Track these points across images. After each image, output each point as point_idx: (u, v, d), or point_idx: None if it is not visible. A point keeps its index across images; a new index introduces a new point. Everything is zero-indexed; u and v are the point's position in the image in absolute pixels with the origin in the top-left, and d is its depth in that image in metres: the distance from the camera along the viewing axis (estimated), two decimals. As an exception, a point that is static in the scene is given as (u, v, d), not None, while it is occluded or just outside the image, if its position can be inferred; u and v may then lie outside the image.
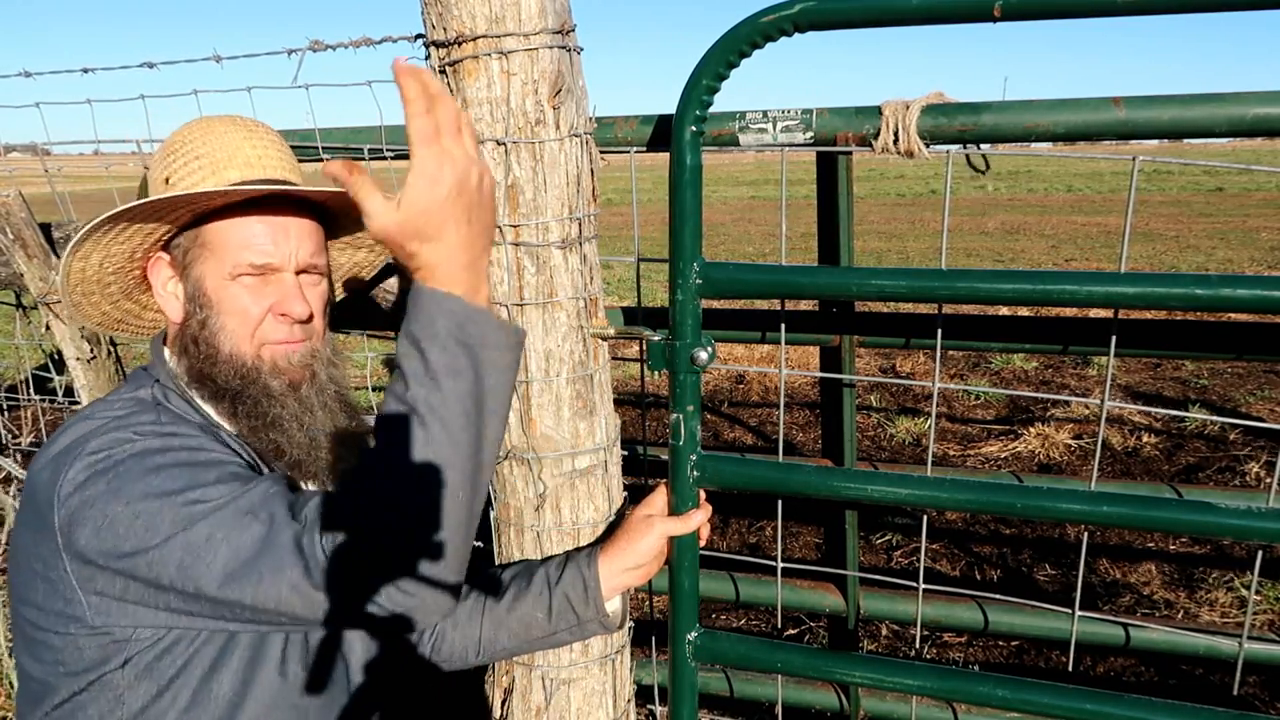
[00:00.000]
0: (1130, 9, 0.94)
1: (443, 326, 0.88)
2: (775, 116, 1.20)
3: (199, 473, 0.98)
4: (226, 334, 1.11)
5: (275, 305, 1.12)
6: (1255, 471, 4.14)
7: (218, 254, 1.11)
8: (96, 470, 0.97)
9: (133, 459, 0.98)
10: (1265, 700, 2.55)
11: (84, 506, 0.96)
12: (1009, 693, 1.17)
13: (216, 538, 0.93)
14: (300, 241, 1.14)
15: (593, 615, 1.23)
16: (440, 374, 0.88)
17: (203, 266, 1.12)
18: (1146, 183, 23.06)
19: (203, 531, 0.93)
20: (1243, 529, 1.06)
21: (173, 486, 0.96)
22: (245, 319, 1.11)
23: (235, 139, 1.14)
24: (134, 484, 0.96)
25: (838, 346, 1.95)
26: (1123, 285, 1.03)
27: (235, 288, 1.11)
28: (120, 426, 1.03)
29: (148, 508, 0.94)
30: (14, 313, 2.06)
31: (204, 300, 1.12)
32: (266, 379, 1.13)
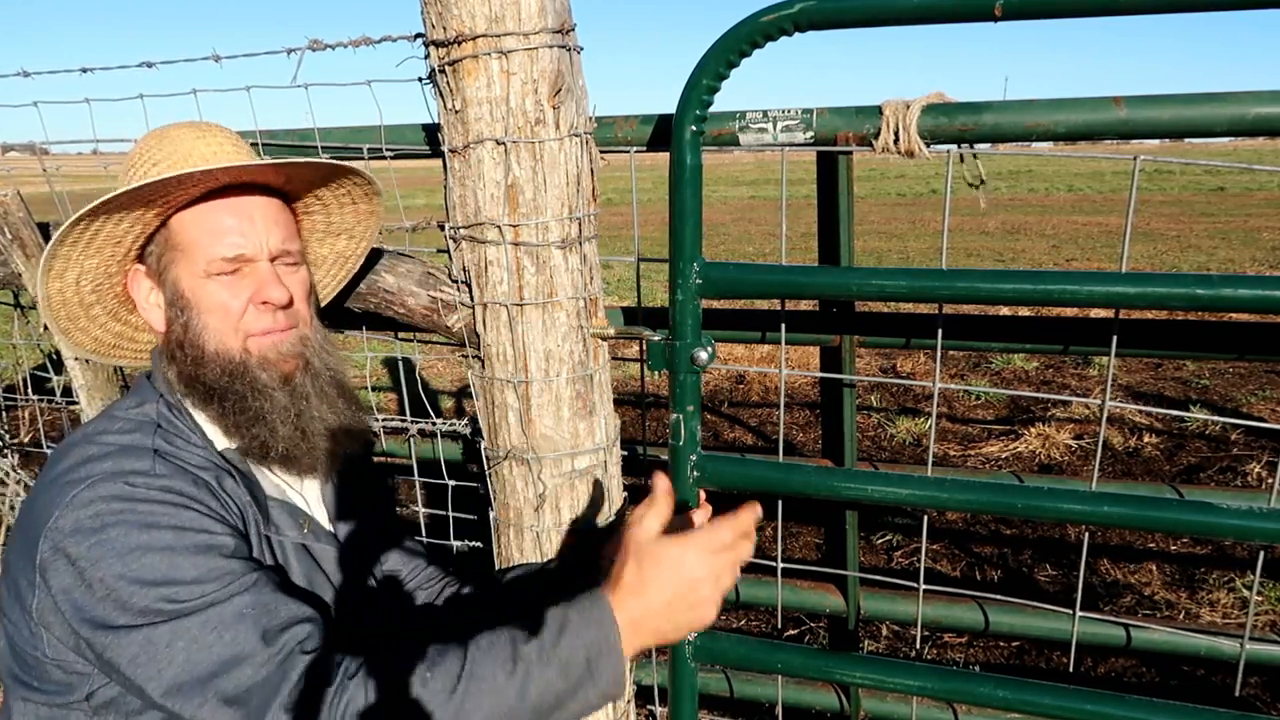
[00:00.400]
0: (1130, 9, 0.93)
1: (591, 638, 0.95)
2: (775, 116, 1.20)
3: (179, 564, 0.96)
4: (210, 332, 1.10)
5: (254, 295, 1.11)
6: (1256, 472, 4.14)
7: (189, 253, 1.10)
8: (82, 528, 0.96)
9: (119, 527, 0.96)
10: (1266, 701, 2.55)
11: (64, 560, 0.96)
12: (1009, 693, 1.17)
13: (177, 645, 0.93)
14: (269, 229, 1.13)
15: None
16: (556, 662, 0.94)
17: (177, 269, 1.11)
18: (1147, 182, 23.05)
19: (165, 634, 0.93)
20: (1244, 529, 1.06)
21: (150, 576, 0.94)
22: (226, 314, 1.10)
23: (188, 140, 1.13)
24: (113, 560, 0.94)
25: (838, 346, 1.95)
26: (1123, 285, 1.03)
27: (211, 285, 1.10)
28: (114, 474, 1.00)
29: (120, 589, 0.94)
30: (12, 312, 2.06)
31: (182, 302, 1.11)
32: (255, 372, 1.11)
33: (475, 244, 1.26)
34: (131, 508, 0.97)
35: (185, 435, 1.10)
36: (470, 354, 1.37)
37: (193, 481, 1.04)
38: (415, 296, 1.41)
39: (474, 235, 1.25)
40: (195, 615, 0.94)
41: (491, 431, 1.36)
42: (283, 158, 1.15)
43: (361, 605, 1.23)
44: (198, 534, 0.99)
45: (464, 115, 1.19)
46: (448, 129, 1.23)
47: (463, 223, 1.26)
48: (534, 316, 1.26)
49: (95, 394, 1.75)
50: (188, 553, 0.97)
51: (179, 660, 0.92)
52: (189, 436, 1.10)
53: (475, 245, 1.26)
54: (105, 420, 1.10)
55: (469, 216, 1.25)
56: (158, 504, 0.99)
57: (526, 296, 1.25)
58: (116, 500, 0.97)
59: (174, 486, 1.01)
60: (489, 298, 1.28)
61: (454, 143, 1.22)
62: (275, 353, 1.13)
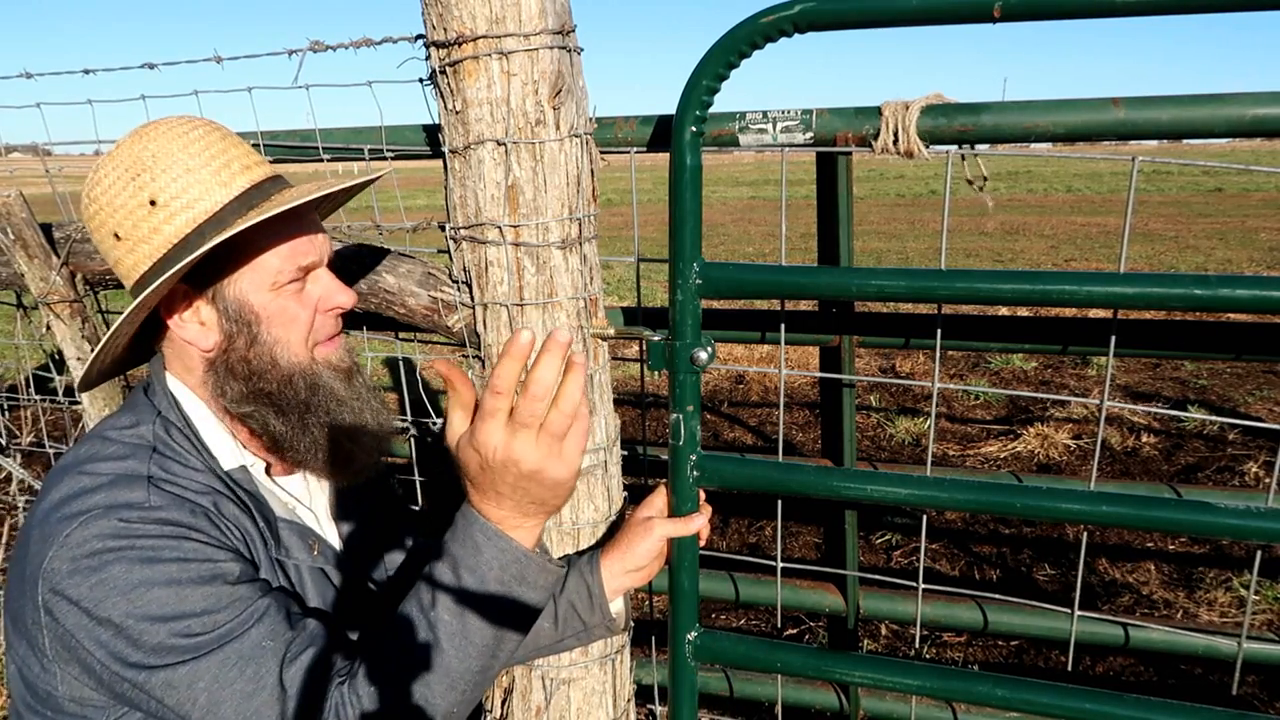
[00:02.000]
0: (1130, 9, 0.94)
1: (486, 561, 0.97)
2: (775, 117, 1.20)
3: (187, 595, 0.93)
4: (281, 346, 1.06)
5: (320, 302, 1.09)
6: (1254, 471, 4.15)
7: (256, 266, 1.04)
8: (80, 568, 0.92)
9: (120, 564, 0.93)
10: (1264, 700, 2.56)
11: (66, 601, 0.92)
12: (1008, 692, 1.18)
13: (199, 685, 0.91)
14: (321, 232, 1.11)
15: (598, 620, 1.23)
16: (469, 608, 0.95)
17: (239, 283, 1.05)
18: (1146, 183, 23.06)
19: (185, 674, 0.91)
20: (1241, 529, 1.06)
21: (158, 611, 0.92)
22: (298, 326, 1.07)
23: (214, 144, 1.05)
24: (117, 599, 0.91)
25: (837, 346, 1.95)
26: (1122, 285, 1.04)
27: (281, 297, 1.06)
28: (109, 508, 0.95)
29: (130, 627, 0.91)
30: (14, 313, 2.06)
31: (250, 317, 1.05)
32: (330, 382, 1.10)
33: (476, 244, 1.26)
34: (130, 544, 0.94)
35: (183, 459, 1.05)
36: (471, 354, 1.37)
37: (190, 511, 1.00)
38: (416, 297, 1.41)
39: (474, 236, 1.25)
40: (214, 653, 0.92)
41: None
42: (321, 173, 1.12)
43: (369, 613, 1.22)
44: (202, 564, 0.96)
45: (464, 116, 1.20)
46: (448, 130, 1.23)
47: (463, 223, 1.26)
48: (534, 317, 1.27)
49: (97, 394, 1.75)
50: (194, 584, 0.94)
51: (201, 701, 0.91)
52: (187, 459, 1.05)
53: (476, 246, 1.26)
54: (98, 443, 1.04)
55: (469, 217, 1.25)
56: (156, 538, 0.95)
57: (527, 297, 1.26)
58: (113, 538, 0.93)
59: (171, 518, 0.97)
60: (489, 298, 1.28)
61: (454, 143, 1.23)
62: (340, 360, 1.12)
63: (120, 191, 1.02)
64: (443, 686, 0.96)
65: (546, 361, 0.93)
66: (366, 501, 1.28)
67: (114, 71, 1.62)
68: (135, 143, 1.03)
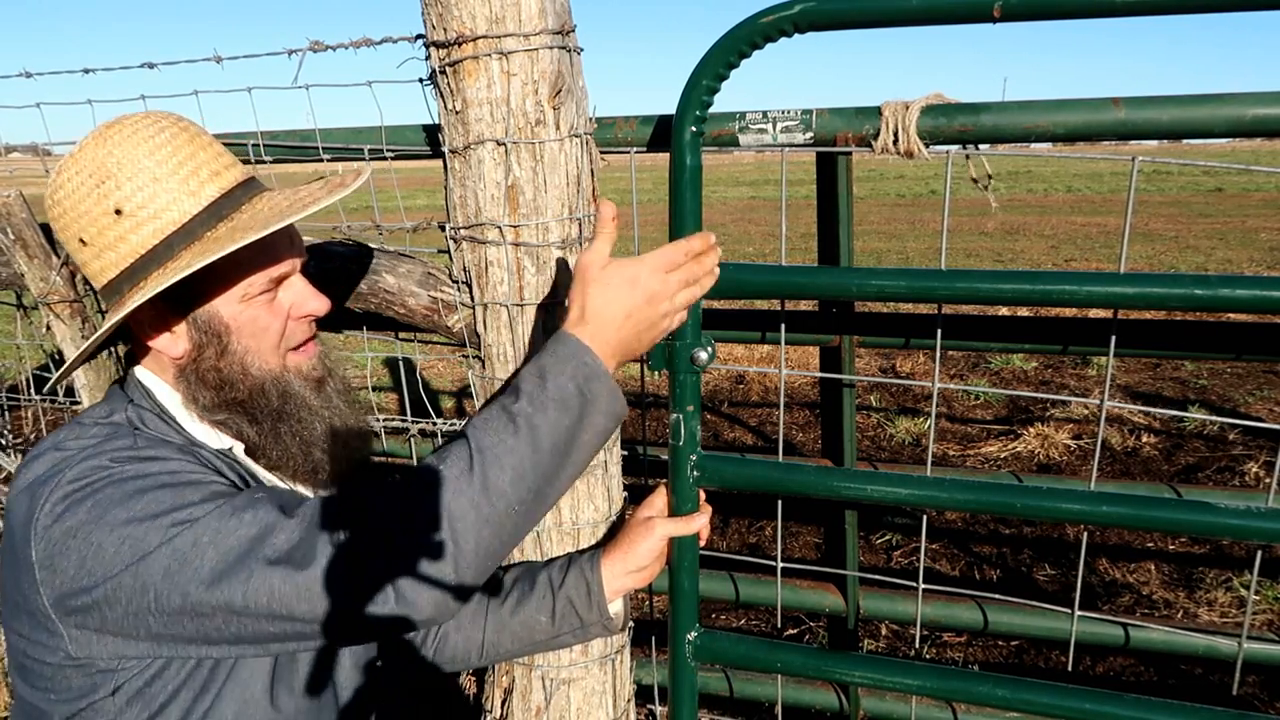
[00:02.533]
0: (1130, 9, 0.94)
1: (572, 370, 0.99)
2: (775, 117, 1.20)
3: (183, 492, 0.94)
4: (252, 355, 1.06)
5: (293, 309, 1.09)
6: (1254, 471, 4.14)
7: (225, 278, 1.03)
8: (74, 500, 0.93)
9: (112, 485, 0.94)
10: (1264, 700, 2.56)
11: (65, 537, 0.92)
12: (1008, 692, 1.18)
13: (203, 541, 0.90)
14: (296, 239, 1.10)
15: (596, 618, 1.23)
16: (552, 403, 0.97)
17: (210, 294, 1.04)
18: (1146, 183, 23.06)
19: (189, 538, 0.91)
20: (1242, 529, 1.06)
21: (156, 509, 0.92)
22: (269, 335, 1.07)
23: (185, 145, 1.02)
24: (116, 509, 0.92)
25: (838, 346, 1.95)
26: (1122, 285, 1.04)
27: (252, 308, 1.05)
28: (95, 454, 0.97)
29: (133, 531, 0.91)
30: (14, 313, 2.06)
31: (219, 327, 1.05)
32: (300, 390, 1.10)
33: (476, 244, 1.26)
34: (120, 468, 0.95)
35: (164, 436, 1.06)
36: (471, 354, 1.37)
37: (177, 450, 1.02)
38: (416, 297, 1.41)
39: (474, 236, 1.25)
40: (209, 516, 0.92)
41: (492, 431, 1.37)
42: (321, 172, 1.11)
43: None
44: (192, 473, 0.98)
45: (464, 116, 1.20)
46: (448, 130, 1.23)
47: (463, 223, 1.26)
48: (534, 316, 1.27)
49: (97, 394, 1.75)
50: (188, 485, 0.95)
51: (209, 554, 0.90)
52: (168, 437, 1.06)
53: (476, 246, 1.26)
54: (75, 428, 1.04)
55: (469, 217, 1.25)
56: (146, 461, 0.97)
57: (527, 297, 1.26)
58: (102, 470, 0.95)
59: (159, 454, 0.99)
60: (489, 298, 1.28)
61: (454, 143, 1.23)
62: (311, 369, 1.12)
63: (85, 198, 1.00)
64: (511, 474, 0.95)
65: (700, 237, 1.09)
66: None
67: (114, 71, 1.62)
68: (99, 146, 1.00)
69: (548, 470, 0.97)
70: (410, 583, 0.91)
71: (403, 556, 0.91)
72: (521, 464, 0.95)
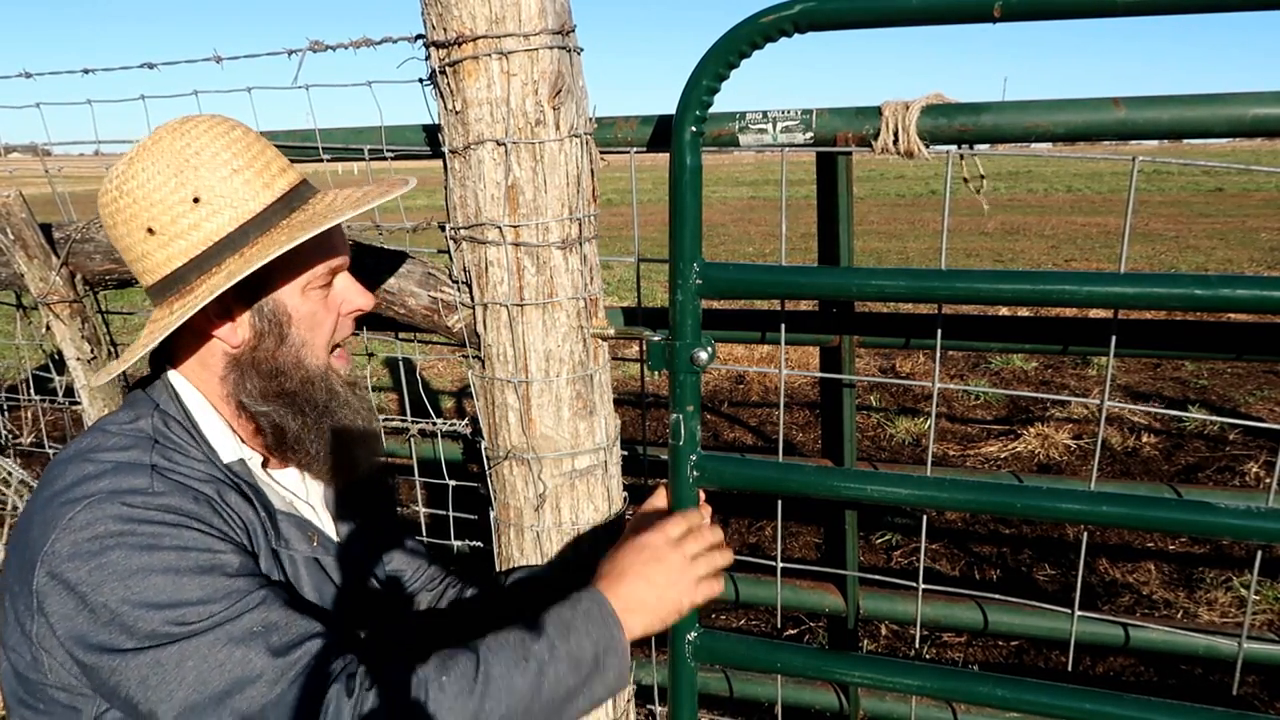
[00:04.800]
0: (1130, 9, 0.94)
1: (596, 635, 1.02)
2: (775, 117, 1.20)
3: (184, 585, 0.93)
4: (307, 348, 1.09)
5: (343, 305, 1.11)
6: (1254, 471, 4.14)
7: (292, 268, 1.05)
8: (80, 552, 0.93)
9: (120, 550, 0.93)
10: (1264, 700, 2.56)
11: (63, 586, 0.92)
12: (1008, 692, 1.17)
13: (187, 665, 0.90)
14: (342, 231, 1.12)
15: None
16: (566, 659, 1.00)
17: (273, 283, 1.06)
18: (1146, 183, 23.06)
19: (174, 654, 0.91)
20: (1242, 529, 1.06)
21: (154, 598, 0.92)
22: (323, 329, 1.10)
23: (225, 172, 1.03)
24: (115, 583, 0.92)
25: (837, 346, 1.95)
26: (1122, 285, 1.04)
27: (310, 301, 1.08)
28: (112, 493, 0.96)
29: (125, 613, 0.91)
30: (14, 313, 2.06)
31: (282, 317, 1.07)
32: (341, 389, 1.12)
33: (475, 244, 1.26)
34: (131, 529, 0.94)
35: (183, 449, 1.06)
36: (470, 354, 1.37)
37: (193, 498, 1.00)
38: (416, 297, 1.41)
39: (474, 236, 1.25)
40: (204, 635, 0.91)
41: (492, 431, 1.37)
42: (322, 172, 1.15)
43: (366, 609, 1.23)
44: (201, 553, 0.96)
45: (464, 116, 1.20)
46: (448, 130, 1.23)
47: (463, 223, 1.26)
48: (534, 317, 1.27)
49: (97, 394, 1.75)
50: (192, 573, 0.94)
51: (190, 680, 0.90)
52: (188, 450, 1.06)
53: (475, 246, 1.26)
54: (99, 435, 1.05)
55: (469, 217, 1.25)
56: (158, 524, 0.95)
57: (527, 297, 1.26)
58: (115, 521, 0.94)
59: (174, 505, 0.98)
60: (489, 298, 1.28)
61: (454, 143, 1.23)
62: (345, 369, 1.15)
63: (160, 186, 1.01)
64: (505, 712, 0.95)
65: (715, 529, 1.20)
66: (364, 497, 1.29)
67: (114, 71, 1.62)
68: (176, 139, 1.02)
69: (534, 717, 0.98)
70: None
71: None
72: (518, 705, 0.96)
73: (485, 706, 0.94)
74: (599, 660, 1.01)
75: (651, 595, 1.08)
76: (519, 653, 0.97)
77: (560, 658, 0.98)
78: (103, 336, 1.79)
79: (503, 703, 0.95)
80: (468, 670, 0.95)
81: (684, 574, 1.11)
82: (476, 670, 0.95)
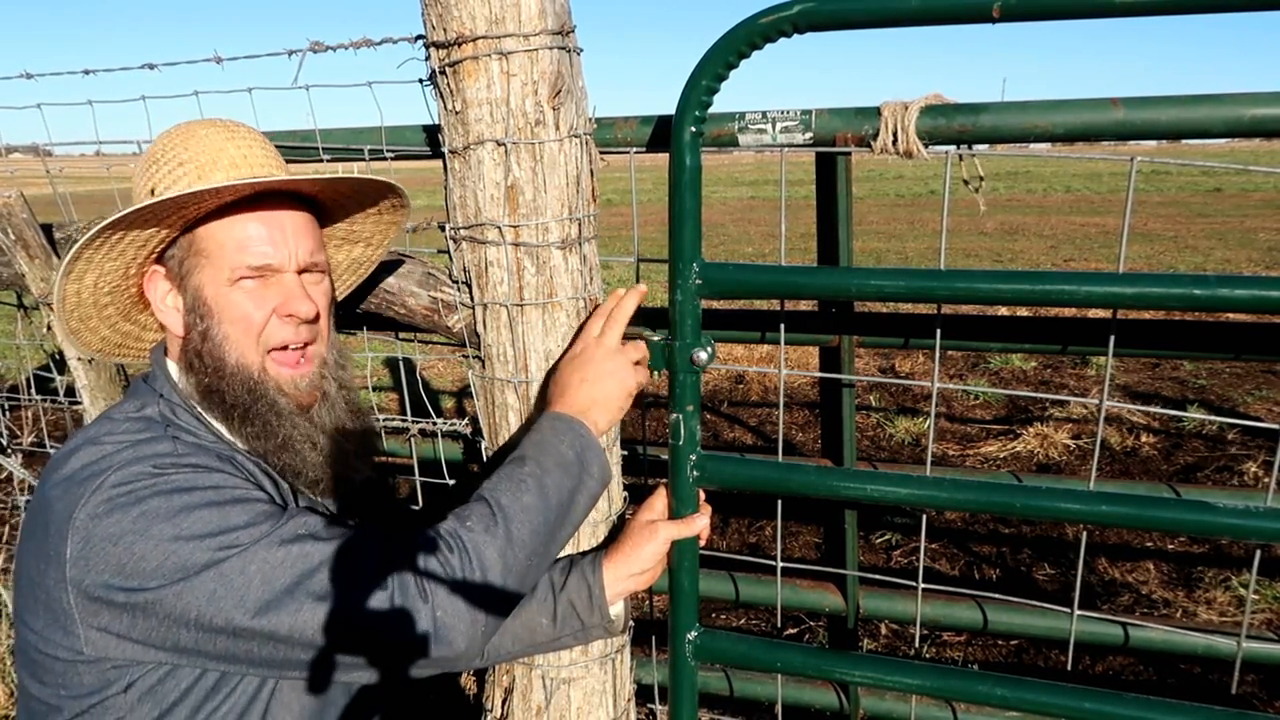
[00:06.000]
0: (1130, 9, 0.94)
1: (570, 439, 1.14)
2: (774, 117, 1.21)
3: (228, 513, 0.97)
4: (231, 343, 1.08)
5: (279, 307, 1.09)
6: (1253, 471, 4.15)
7: (214, 260, 1.07)
8: (119, 505, 0.95)
9: (159, 497, 0.96)
10: (1263, 699, 2.56)
11: (106, 541, 0.94)
12: (1008, 692, 1.18)
13: (250, 570, 0.94)
14: (299, 239, 1.11)
15: (597, 621, 1.23)
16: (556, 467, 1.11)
17: (200, 275, 1.08)
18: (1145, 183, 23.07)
19: (236, 564, 0.94)
20: (1241, 528, 1.06)
21: (203, 529, 0.95)
22: (248, 325, 1.08)
23: (217, 141, 1.09)
24: (162, 524, 0.94)
25: (837, 346, 1.95)
26: (1121, 285, 1.04)
27: (236, 293, 1.07)
28: (137, 459, 0.99)
29: (178, 549, 0.93)
30: (15, 313, 2.06)
31: (204, 310, 1.08)
32: (273, 395, 1.10)
33: (475, 244, 1.26)
34: (165, 478, 0.97)
35: (195, 432, 1.08)
36: (471, 354, 1.37)
37: (216, 457, 1.05)
38: (416, 297, 1.41)
39: (474, 236, 1.26)
40: (258, 544, 0.95)
41: (492, 431, 1.37)
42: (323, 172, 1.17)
43: None
44: (235, 489, 1.01)
45: (464, 116, 1.20)
46: (448, 130, 1.23)
47: (463, 223, 1.26)
48: (534, 317, 1.27)
49: (98, 394, 1.75)
50: (232, 504, 0.98)
51: (256, 582, 0.94)
52: (199, 433, 1.08)
53: (475, 246, 1.26)
54: (107, 423, 1.06)
55: (469, 217, 1.25)
56: (190, 471, 0.99)
57: (527, 297, 1.26)
58: (148, 476, 0.97)
59: (200, 462, 1.02)
60: (489, 298, 1.28)
61: (454, 144, 1.23)
62: (294, 387, 1.12)
63: (138, 176, 1.12)
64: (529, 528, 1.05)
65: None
66: (366, 499, 1.29)
67: (114, 72, 1.63)
68: (161, 137, 1.13)
69: (554, 525, 1.08)
70: (448, 624, 0.97)
71: (442, 600, 0.97)
72: (535, 518, 1.06)
73: (511, 530, 1.04)
74: (581, 458, 1.12)
75: (598, 392, 1.18)
76: (515, 480, 1.08)
77: (549, 468, 1.10)
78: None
79: (524, 522, 1.05)
80: (482, 511, 1.05)
81: (617, 364, 1.19)
82: (489, 507, 1.05)
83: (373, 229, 1.29)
